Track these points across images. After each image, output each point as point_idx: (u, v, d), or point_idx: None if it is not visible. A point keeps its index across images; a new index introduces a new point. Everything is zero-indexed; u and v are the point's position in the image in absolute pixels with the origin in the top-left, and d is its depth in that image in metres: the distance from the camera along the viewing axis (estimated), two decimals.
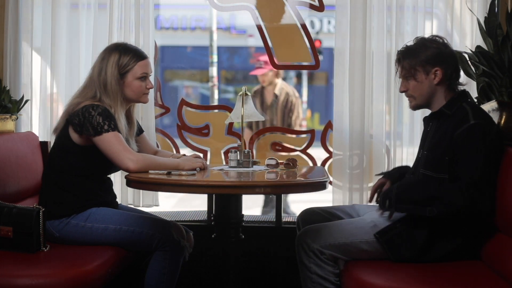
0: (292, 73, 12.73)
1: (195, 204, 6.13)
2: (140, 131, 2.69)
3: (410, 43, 2.34)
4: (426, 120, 2.41)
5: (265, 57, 4.49)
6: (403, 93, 2.36)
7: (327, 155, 3.13)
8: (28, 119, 3.08)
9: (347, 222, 2.34)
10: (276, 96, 4.50)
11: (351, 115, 2.97)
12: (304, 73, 12.55)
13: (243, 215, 2.45)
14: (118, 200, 2.70)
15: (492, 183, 2.12)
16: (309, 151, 3.16)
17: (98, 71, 2.44)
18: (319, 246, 2.21)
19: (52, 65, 3.06)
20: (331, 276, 2.21)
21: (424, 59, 2.25)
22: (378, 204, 2.38)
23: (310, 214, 2.50)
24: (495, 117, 2.35)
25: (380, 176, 2.51)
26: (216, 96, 9.30)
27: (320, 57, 3.10)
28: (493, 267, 2.09)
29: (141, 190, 3.04)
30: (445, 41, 2.31)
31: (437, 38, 2.32)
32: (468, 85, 2.85)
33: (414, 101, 2.33)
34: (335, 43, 3.00)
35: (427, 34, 2.95)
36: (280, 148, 3.17)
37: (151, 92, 2.72)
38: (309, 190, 2.26)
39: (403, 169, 2.51)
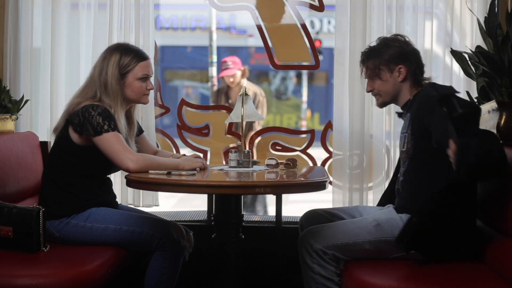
0: (292, 73, 12.76)
1: (195, 204, 6.13)
2: (140, 131, 2.69)
3: (373, 43, 2.41)
4: (399, 115, 2.47)
5: (232, 58, 4.51)
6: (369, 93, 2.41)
7: (327, 155, 3.13)
8: (28, 119, 3.08)
9: (350, 222, 2.33)
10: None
11: (351, 115, 2.97)
12: (304, 73, 12.57)
13: (243, 215, 2.45)
14: (118, 200, 2.70)
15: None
16: (309, 151, 3.16)
17: (99, 70, 2.44)
18: (322, 246, 2.20)
19: (52, 65, 3.06)
20: (334, 276, 2.21)
21: (388, 58, 2.33)
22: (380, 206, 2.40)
23: (313, 216, 2.49)
24: (495, 117, 2.34)
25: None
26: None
27: (320, 57, 3.09)
28: (497, 270, 2.08)
29: (141, 190, 3.04)
30: (407, 39, 2.39)
31: (398, 36, 2.39)
32: (468, 85, 2.86)
33: (380, 99, 2.41)
34: (335, 43, 3.00)
35: (427, 34, 2.96)
36: (280, 148, 3.17)
37: (151, 92, 2.72)
38: (309, 190, 2.26)
39: None
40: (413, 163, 2.29)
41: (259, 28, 3.13)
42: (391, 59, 2.33)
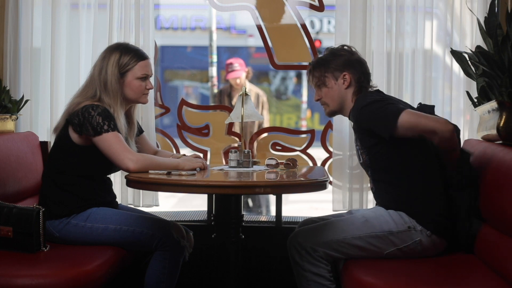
0: (292, 73, 12.76)
1: (195, 204, 6.14)
2: (140, 131, 2.69)
3: (321, 55, 2.49)
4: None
5: (237, 60, 4.53)
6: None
7: (327, 155, 3.13)
8: (28, 119, 3.08)
9: (337, 220, 2.35)
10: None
11: None
12: (304, 73, 12.55)
13: (243, 215, 2.45)
14: (118, 200, 2.70)
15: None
16: (309, 151, 3.16)
17: (98, 70, 2.45)
18: (311, 244, 2.22)
19: (52, 65, 3.06)
20: (325, 272, 2.22)
21: (333, 67, 2.41)
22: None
23: (309, 224, 2.49)
24: (495, 117, 2.34)
25: None
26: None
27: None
28: (486, 261, 2.12)
29: (141, 190, 3.04)
30: (353, 49, 2.47)
31: (345, 47, 2.47)
32: (468, 85, 2.86)
33: (328, 108, 2.48)
34: (335, 43, 2.99)
35: (427, 34, 2.96)
36: (280, 148, 3.17)
37: (151, 92, 2.72)
38: (309, 190, 2.26)
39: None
40: (375, 171, 2.36)
41: (259, 28, 3.13)
42: (336, 68, 2.40)
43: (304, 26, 3.11)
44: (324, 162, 3.13)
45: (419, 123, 2.16)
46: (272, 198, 4.63)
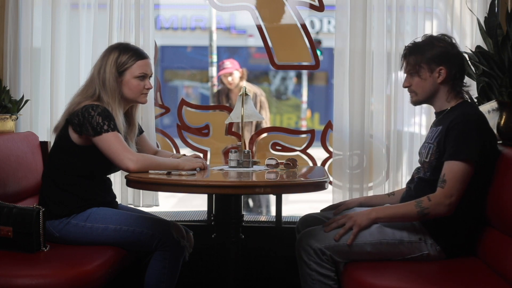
0: (292, 73, 12.76)
1: (195, 204, 6.14)
2: (140, 131, 2.69)
3: (418, 39, 2.34)
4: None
5: (230, 60, 4.60)
6: (406, 89, 2.37)
7: (327, 155, 3.14)
8: (28, 119, 3.08)
9: None
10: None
11: (351, 115, 2.97)
12: (304, 73, 12.57)
13: (243, 215, 2.45)
14: (118, 200, 2.70)
15: None
16: (309, 151, 3.16)
17: (98, 68, 2.45)
18: (322, 246, 2.19)
19: (52, 65, 3.06)
20: (330, 273, 2.21)
21: (430, 57, 2.26)
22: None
23: (309, 220, 2.48)
24: (495, 117, 2.35)
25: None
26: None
27: (320, 57, 3.09)
28: (489, 263, 2.11)
29: (141, 190, 3.04)
30: (453, 41, 2.31)
31: (445, 37, 2.32)
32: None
33: (415, 97, 2.35)
34: (335, 43, 3.00)
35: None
36: (280, 148, 3.17)
37: (151, 92, 2.71)
38: (309, 190, 2.25)
39: None
40: (435, 175, 2.23)
41: (259, 28, 3.13)
42: (433, 59, 2.26)
43: (304, 26, 3.11)
44: (324, 162, 3.14)
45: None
46: (272, 198, 4.63)
